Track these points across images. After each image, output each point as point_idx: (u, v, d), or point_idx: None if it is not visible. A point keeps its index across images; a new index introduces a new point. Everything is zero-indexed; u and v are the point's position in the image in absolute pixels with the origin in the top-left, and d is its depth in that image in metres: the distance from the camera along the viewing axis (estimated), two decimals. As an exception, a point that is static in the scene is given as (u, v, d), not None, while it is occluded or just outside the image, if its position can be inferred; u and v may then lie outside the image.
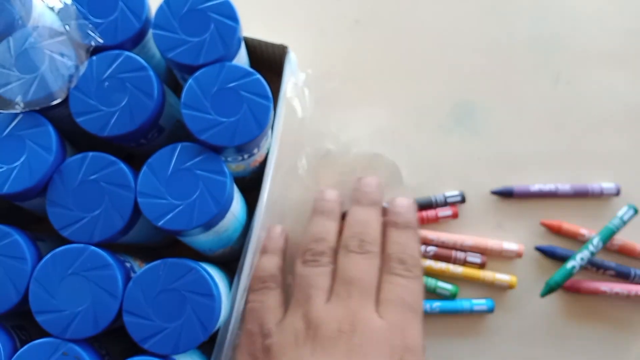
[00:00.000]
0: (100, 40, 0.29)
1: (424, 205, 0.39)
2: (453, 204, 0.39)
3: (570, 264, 0.37)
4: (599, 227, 0.38)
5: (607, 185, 0.39)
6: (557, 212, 0.40)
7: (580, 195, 0.39)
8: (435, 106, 0.42)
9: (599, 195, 0.39)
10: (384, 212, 0.33)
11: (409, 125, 0.41)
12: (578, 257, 0.38)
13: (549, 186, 0.39)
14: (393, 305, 0.29)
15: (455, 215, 0.39)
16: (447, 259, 0.38)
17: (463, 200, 0.39)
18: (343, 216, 0.33)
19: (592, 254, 0.37)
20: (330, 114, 0.37)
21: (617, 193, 0.39)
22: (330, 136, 0.38)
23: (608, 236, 0.38)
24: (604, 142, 0.41)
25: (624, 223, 0.38)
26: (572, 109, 0.42)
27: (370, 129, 0.40)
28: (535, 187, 0.39)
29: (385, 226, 0.32)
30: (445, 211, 0.39)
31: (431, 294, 0.38)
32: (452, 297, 0.38)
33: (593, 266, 0.38)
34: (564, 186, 0.39)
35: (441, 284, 0.38)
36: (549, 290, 0.38)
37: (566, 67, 0.42)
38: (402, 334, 0.28)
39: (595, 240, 0.38)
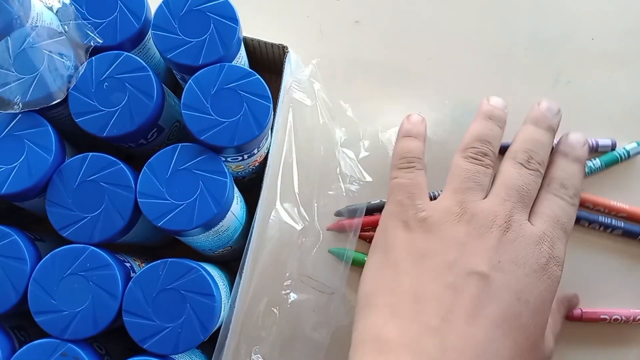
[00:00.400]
0: (100, 40, 0.29)
1: None
2: None
3: None
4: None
5: (604, 141, 0.39)
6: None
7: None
8: (435, 106, 0.42)
9: (595, 150, 0.39)
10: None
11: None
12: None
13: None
14: (547, 218, 0.30)
15: None
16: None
17: None
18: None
19: (589, 172, 0.37)
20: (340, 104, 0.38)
21: (613, 147, 0.39)
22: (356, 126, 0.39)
23: (610, 161, 0.38)
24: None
25: (629, 156, 0.38)
26: (572, 109, 0.42)
27: (372, 129, 0.40)
28: None
29: (554, 154, 0.33)
30: None
31: None
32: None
33: (600, 225, 0.38)
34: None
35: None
36: None
37: (566, 67, 0.42)
38: (551, 244, 0.30)
39: (597, 162, 0.38)
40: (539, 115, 0.33)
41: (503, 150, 0.34)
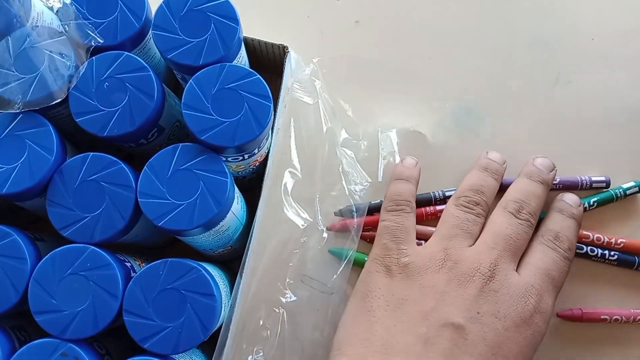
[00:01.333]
0: (100, 40, 0.29)
1: (424, 202, 0.39)
2: None
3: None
4: (599, 227, 0.38)
5: (597, 177, 0.39)
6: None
7: (571, 187, 0.39)
8: (435, 106, 0.42)
9: (589, 188, 0.39)
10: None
11: (410, 124, 0.41)
12: None
13: None
14: (537, 269, 0.30)
15: None
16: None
17: None
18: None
19: (584, 209, 0.37)
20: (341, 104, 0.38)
21: (607, 185, 0.39)
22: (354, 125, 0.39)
23: (606, 199, 0.38)
24: (604, 143, 0.41)
25: (625, 195, 0.38)
26: (572, 108, 0.42)
27: (373, 128, 0.40)
28: None
29: (550, 211, 0.33)
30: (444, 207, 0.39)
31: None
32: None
33: (595, 256, 0.37)
34: (555, 180, 0.39)
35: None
36: None
37: (566, 67, 0.42)
38: (538, 297, 0.29)
39: (592, 200, 0.37)
40: (533, 169, 0.34)
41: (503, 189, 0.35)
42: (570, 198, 0.34)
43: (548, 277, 0.30)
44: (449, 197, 0.39)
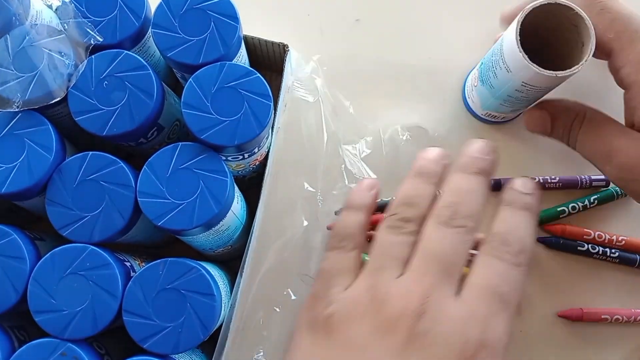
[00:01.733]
0: (100, 39, 0.28)
1: None
2: None
3: (560, 208, 0.37)
4: (598, 225, 0.38)
5: (597, 176, 0.39)
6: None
7: (571, 186, 0.39)
8: (435, 106, 0.42)
9: (589, 187, 0.39)
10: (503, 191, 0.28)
11: (411, 123, 0.41)
12: (570, 205, 0.37)
13: (537, 178, 0.39)
14: (480, 291, 0.24)
15: None
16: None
17: None
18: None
19: (585, 207, 0.37)
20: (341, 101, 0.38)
21: (607, 184, 0.39)
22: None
23: (606, 197, 0.37)
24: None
25: (626, 193, 0.38)
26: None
27: (374, 125, 0.40)
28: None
29: (499, 205, 0.27)
30: None
31: None
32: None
33: (597, 254, 0.37)
34: (554, 178, 0.39)
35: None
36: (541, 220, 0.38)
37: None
38: (483, 326, 0.23)
39: (593, 197, 0.37)
40: (466, 160, 0.27)
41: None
42: (520, 184, 0.27)
43: (495, 297, 0.24)
44: None
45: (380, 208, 0.39)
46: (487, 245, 0.25)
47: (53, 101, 0.27)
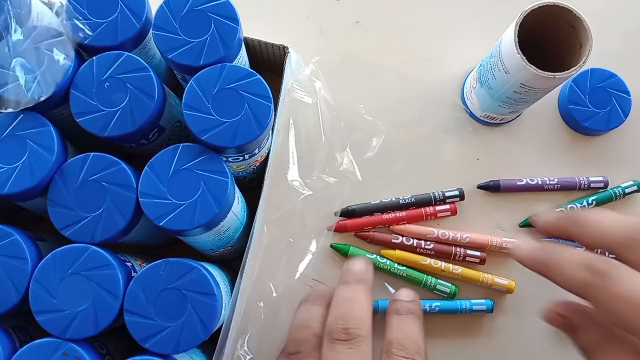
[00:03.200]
0: (90, 33, 0.28)
1: (424, 202, 0.39)
2: (452, 201, 0.39)
3: (558, 209, 0.38)
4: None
5: (595, 178, 0.39)
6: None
7: (570, 188, 0.39)
8: (434, 107, 0.42)
9: (587, 188, 0.39)
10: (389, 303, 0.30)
11: (410, 125, 0.41)
12: (568, 206, 0.38)
13: (536, 180, 0.39)
14: None
15: (454, 212, 0.39)
16: (447, 255, 0.38)
17: (462, 198, 0.39)
18: None
19: (583, 209, 0.37)
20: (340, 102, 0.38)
21: (605, 186, 0.39)
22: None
23: (605, 199, 0.38)
24: (604, 142, 0.41)
25: (624, 194, 0.38)
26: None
27: (373, 128, 0.40)
28: (522, 181, 0.39)
29: (387, 315, 0.29)
30: (444, 208, 0.39)
31: (431, 293, 0.38)
32: (451, 296, 0.38)
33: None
34: (552, 180, 0.39)
35: (441, 282, 0.38)
36: (527, 224, 0.38)
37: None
38: None
39: (591, 199, 0.38)
40: (345, 274, 0.29)
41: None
42: (403, 294, 0.29)
43: None
44: (449, 197, 0.39)
45: (378, 209, 0.39)
46: (386, 354, 0.26)
47: (53, 101, 0.27)
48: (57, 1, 0.29)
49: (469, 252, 0.38)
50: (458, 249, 0.38)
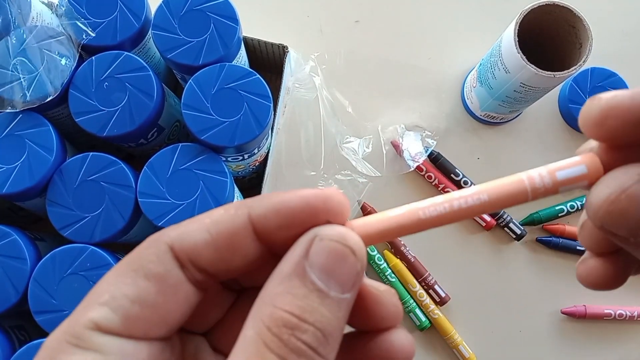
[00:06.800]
0: (91, 34, 0.28)
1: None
2: None
3: (559, 207, 0.38)
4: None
5: None
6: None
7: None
8: (434, 106, 0.42)
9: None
10: None
11: (409, 121, 0.41)
12: (569, 204, 0.38)
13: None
14: None
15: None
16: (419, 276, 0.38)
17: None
18: None
19: (584, 206, 0.37)
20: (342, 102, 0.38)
21: None
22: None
23: None
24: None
25: None
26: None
27: (373, 124, 0.40)
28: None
29: None
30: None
31: (405, 315, 0.38)
32: (420, 329, 0.37)
33: None
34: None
35: (419, 312, 0.37)
36: (529, 221, 0.38)
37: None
38: None
39: (583, 201, 0.38)
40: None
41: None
42: None
43: None
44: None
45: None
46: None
47: (53, 101, 0.27)
48: (57, 1, 0.29)
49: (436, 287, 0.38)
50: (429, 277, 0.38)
